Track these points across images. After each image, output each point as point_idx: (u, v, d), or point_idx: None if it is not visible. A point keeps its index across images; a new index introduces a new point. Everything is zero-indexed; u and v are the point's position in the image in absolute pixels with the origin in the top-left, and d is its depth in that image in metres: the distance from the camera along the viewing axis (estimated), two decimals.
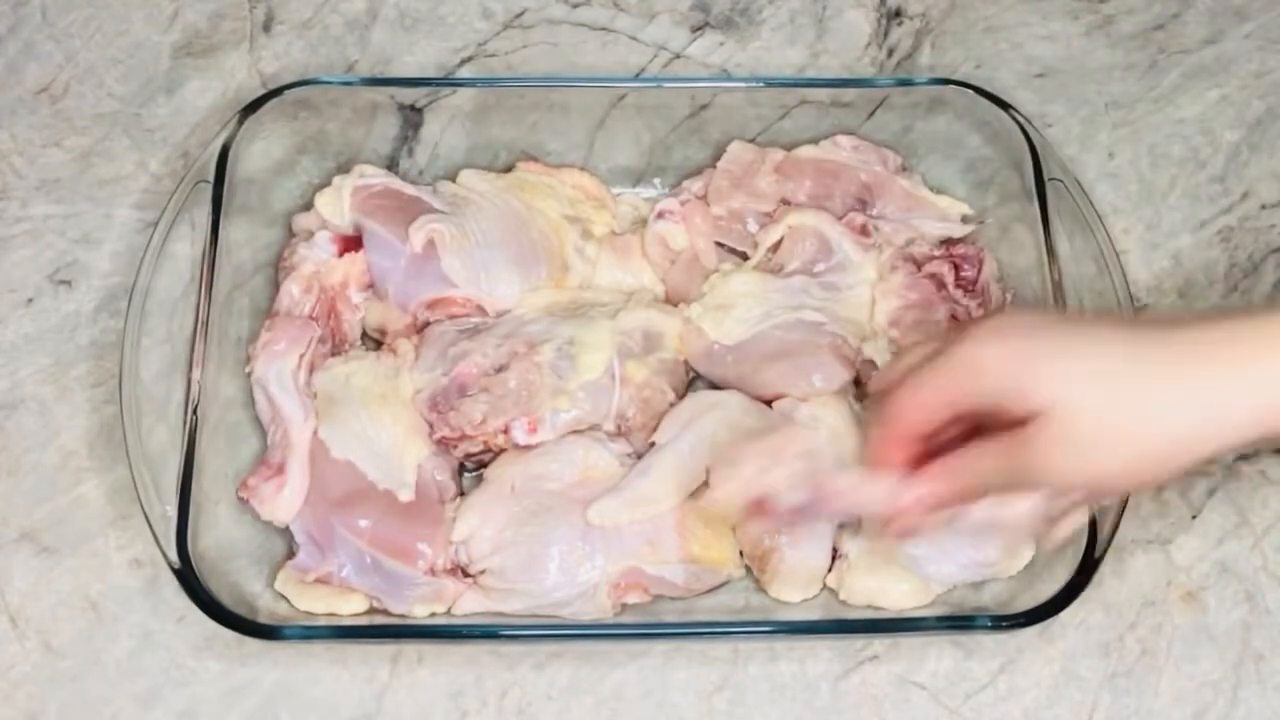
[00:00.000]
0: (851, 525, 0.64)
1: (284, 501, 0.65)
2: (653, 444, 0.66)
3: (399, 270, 0.70)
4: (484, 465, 0.68)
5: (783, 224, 0.71)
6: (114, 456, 0.68)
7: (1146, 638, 0.65)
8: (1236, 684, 0.64)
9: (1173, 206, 0.76)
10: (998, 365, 0.50)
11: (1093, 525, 0.59)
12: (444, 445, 0.67)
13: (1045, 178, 0.68)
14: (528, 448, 0.66)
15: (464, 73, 0.79)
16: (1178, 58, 0.79)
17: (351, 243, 0.71)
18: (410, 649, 0.65)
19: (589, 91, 0.74)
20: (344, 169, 0.73)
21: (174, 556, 0.60)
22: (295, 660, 0.64)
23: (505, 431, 0.66)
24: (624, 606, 0.64)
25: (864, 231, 0.71)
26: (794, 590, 0.64)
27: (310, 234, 0.71)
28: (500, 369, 0.67)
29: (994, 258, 0.71)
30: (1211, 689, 0.64)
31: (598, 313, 0.69)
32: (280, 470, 0.65)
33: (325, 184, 0.73)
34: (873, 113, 0.74)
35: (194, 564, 0.60)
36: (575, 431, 0.67)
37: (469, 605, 0.64)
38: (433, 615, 0.63)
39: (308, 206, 0.72)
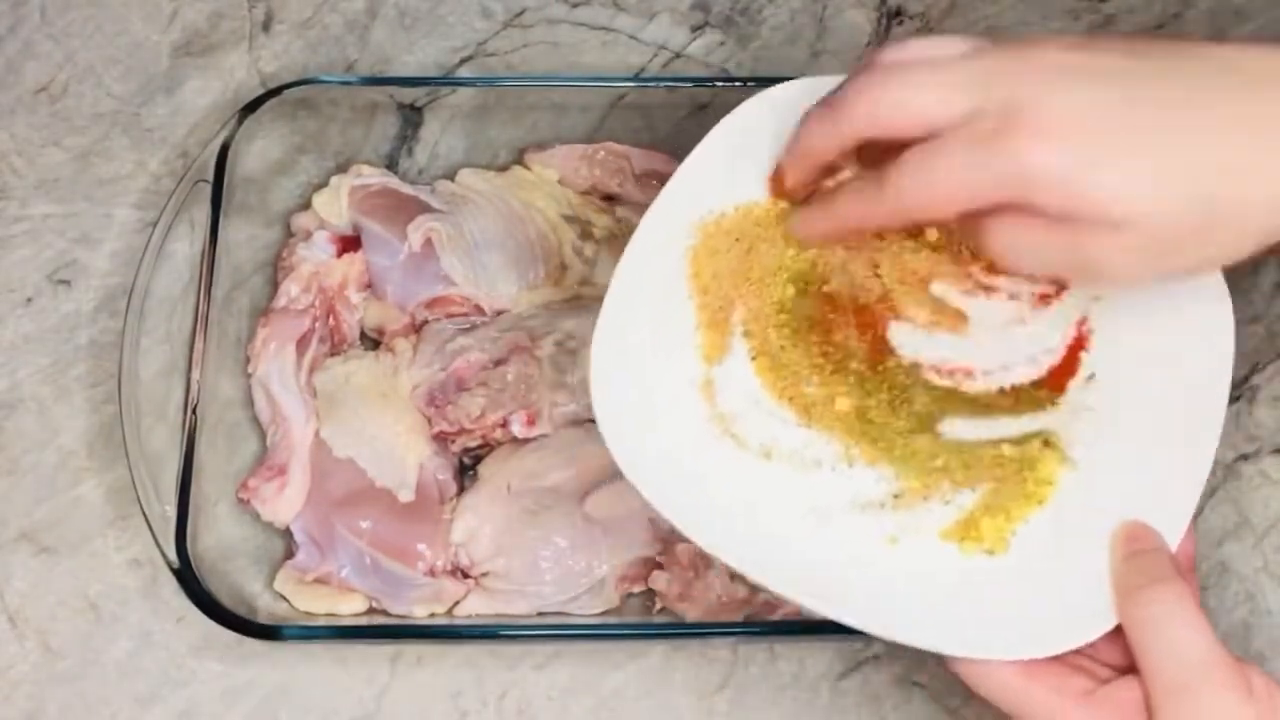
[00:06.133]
0: None
1: (285, 502, 0.64)
2: None
3: (397, 269, 0.70)
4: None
5: None
6: (113, 456, 0.68)
7: None
8: None
9: None
10: (1053, 172, 0.43)
11: None
12: (442, 440, 0.67)
13: None
14: (524, 441, 0.66)
15: (463, 72, 0.79)
16: None
17: (350, 243, 0.71)
18: (410, 649, 0.65)
19: (589, 91, 0.74)
20: (343, 168, 0.73)
21: (173, 556, 0.60)
22: (295, 660, 0.64)
23: (504, 425, 0.66)
24: (629, 596, 0.64)
25: None
26: None
27: (309, 234, 0.71)
28: (499, 363, 0.67)
29: None
30: None
31: (598, 307, 0.69)
32: (281, 471, 0.65)
33: (325, 183, 0.73)
34: None
35: (193, 564, 0.60)
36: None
37: (473, 607, 0.64)
38: (432, 616, 0.63)
39: (307, 206, 0.72)
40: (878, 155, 0.48)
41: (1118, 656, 0.48)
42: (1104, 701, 0.46)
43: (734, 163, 0.55)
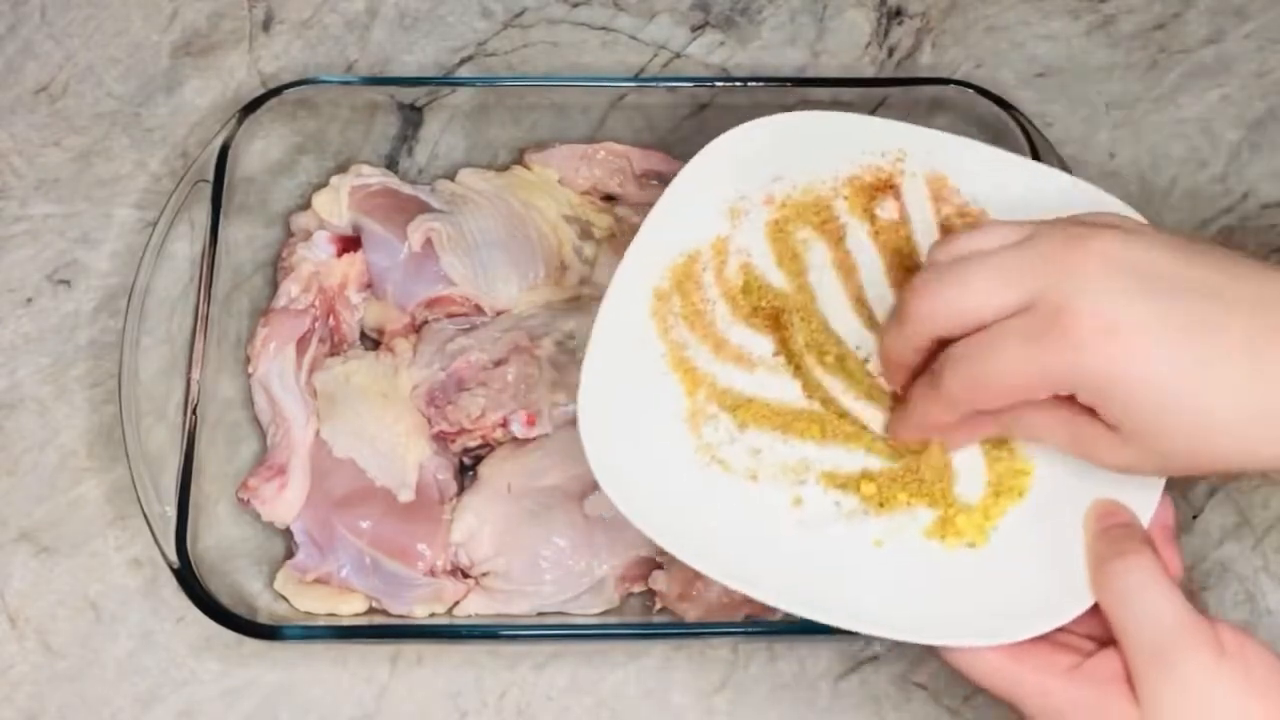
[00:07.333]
0: None
1: (285, 502, 0.64)
2: None
3: (397, 269, 0.70)
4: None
5: None
6: (113, 456, 0.68)
7: None
8: None
9: (1173, 206, 0.76)
10: (1101, 380, 0.45)
11: None
12: (442, 440, 0.67)
13: None
14: (524, 441, 0.66)
15: (464, 72, 0.79)
16: (1178, 57, 0.79)
17: (350, 243, 0.71)
18: (410, 649, 0.65)
19: (589, 91, 0.75)
20: (343, 168, 0.73)
21: (173, 556, 0.60)
22: (295, 660, 0.64)
23: (504, 425, 0.66)
24: (629, 596, 0.64)
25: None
26: None
27: (309, 234, 0.71)
28: (499, 363, 0.67)
29: None
30: None
31: (598, 307, 0.69)
32: (281, 471, 0.65)
33: (325, 183, 0.73)
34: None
35: (193, 564, 0.60)
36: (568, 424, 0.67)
37: (473, 607, 0.64)
38: (432, 616, 0.63)
39: (307, 206, 0.72)
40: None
41: (1100, 630, 0.49)
42: (1089, 674, 0.47)
43: (704, 200, 0.57)
